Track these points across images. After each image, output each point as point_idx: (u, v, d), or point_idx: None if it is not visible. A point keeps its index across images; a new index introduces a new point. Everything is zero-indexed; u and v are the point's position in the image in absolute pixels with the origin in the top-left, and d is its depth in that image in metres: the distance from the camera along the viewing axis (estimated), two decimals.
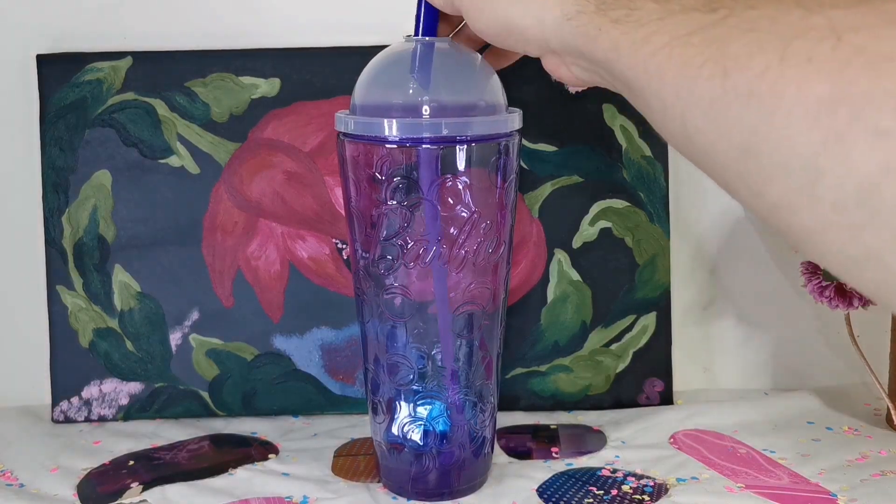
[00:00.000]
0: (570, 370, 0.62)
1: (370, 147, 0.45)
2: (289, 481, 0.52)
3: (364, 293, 0.48)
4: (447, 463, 0.49)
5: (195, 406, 0.62)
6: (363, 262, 0.48)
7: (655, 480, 0.52)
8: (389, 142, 0.44)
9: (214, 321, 0.61)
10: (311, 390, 0.62)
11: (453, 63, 0.46)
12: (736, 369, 0.68)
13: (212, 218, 0.61)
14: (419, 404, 0.49)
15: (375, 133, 0.45)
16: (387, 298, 0.47)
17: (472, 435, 0.50)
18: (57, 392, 0.61)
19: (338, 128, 0.47)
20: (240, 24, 0.63)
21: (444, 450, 0.49)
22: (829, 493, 0.50)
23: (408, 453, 0.49)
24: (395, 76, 0.46)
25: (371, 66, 0.47)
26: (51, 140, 0.60)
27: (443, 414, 0.49)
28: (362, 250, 0.47)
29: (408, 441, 0.49)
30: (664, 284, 0.62)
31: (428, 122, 0.44)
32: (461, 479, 0.50)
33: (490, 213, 0.46)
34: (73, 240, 0.61)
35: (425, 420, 0.49)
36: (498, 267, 0.48)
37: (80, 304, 0.61)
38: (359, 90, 0.47)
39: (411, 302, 0.47)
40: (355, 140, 0.46)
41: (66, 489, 0.52)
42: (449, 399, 0.48)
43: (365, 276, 0.48)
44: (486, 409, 0.50)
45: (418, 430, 0.49)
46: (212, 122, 0.61)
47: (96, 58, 0.61)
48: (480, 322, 0.48)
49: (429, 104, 0.44)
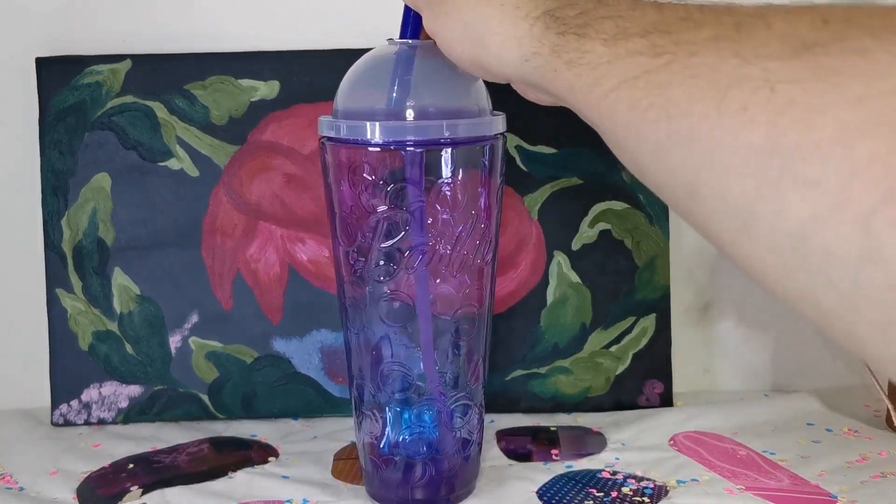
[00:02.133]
0: (570, 372, 0.62)
1: (354, 151, 0.45)
2: (289, 484, 0.52)
3: (356, 301, 0.47)
4: (440, 470, 0.49)
5: (195, 409, 0.61)
6: (355, 268, 0.47)
7: (655, 482, 0.52)
8: (373, 145, 0.44)
9: (214, 324, 0.61)
10: (310, 393, 0.62)
11: (436, 66, 0.45)
12: (736, 371, 0.68)
13: (211, 220, 0.61)
14: (410, 412, 0.48)
15: (359, 136, 0.44)
16: (384, 305, 0.46)
17: (462, 440, 0.49)
18: (56, 395, 0.61)
19: (321, 132, 0.46)
20: (239, 27, 0.63)
21: (436, 457, 0.49)
22: (829, 494, 0.50)
23: (399, 463, 0.49)
24: (377, 80, 0.45)
25: (353, 70, 0.46)
26: (50, 143, 0.60)
27: (434, 421, 0.48)
28: (356, 256, 0.46)
29: (399, 451, 0.49)
30: (664, 286, 0.62)
31: (412, 125, 0.44)
32: (454, 485, 0.50)
33: (479, 216, 0.46)
34: (72, 243, 0.61)
35: (417, 428, 0.48)
36: (486, 269, 0.48)
37: (80, 307, 0.61)
38: (341, 95, 0.46)
39: (408, 307, 0.46)
40: (339, 144, 0.45)
41: (66, 492, 0.52)
42: (439, 405, 0.48)
43: (357, 282, 0.47)
44: (476, 413, 0.50)
45: (409, 438, 0.49)
46: (211, 125, 0.61)
47: (96, 61, 0.61)
48: (470, 325, 0.48)
49: (412, 108, 0.44)
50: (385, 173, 0.44)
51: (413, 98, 0.44)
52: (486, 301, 0.49)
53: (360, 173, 0.45)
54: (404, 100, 0.44)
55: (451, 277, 0.46)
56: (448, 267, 0.46)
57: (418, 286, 0.46)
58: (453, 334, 0.48)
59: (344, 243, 0.47)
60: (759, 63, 0.27)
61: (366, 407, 0.49)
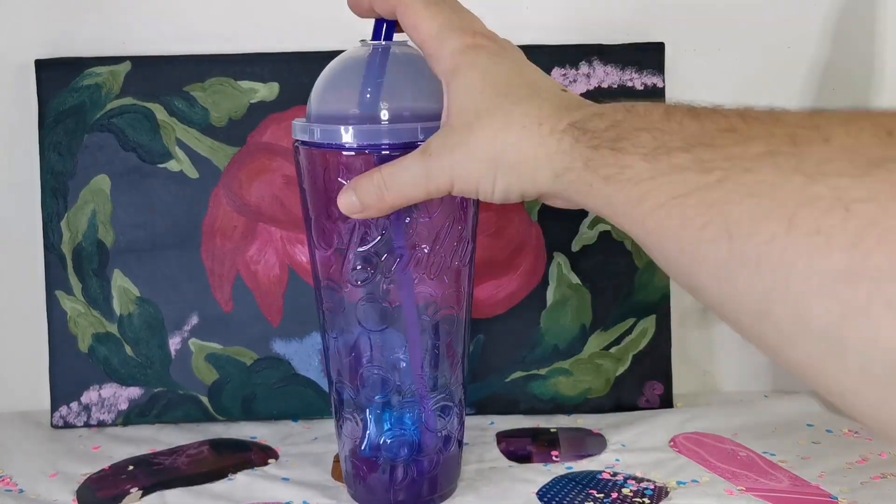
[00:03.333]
0: (570, 373, 0.62)
1: (328, 155, 0.44)
2: (289, 486, 0.52)
3: (333, 305, 0.47)
4: (421, 471, 0.48)
5: (195, 411, 0.61)
6: (332, 273, 0.46)
7: (656, 484, 0.52)
8: (347, 149, 0.43)
9: (214, 325, 0.61)
10: (310, 394, 0.62)
11: (409, 68, 0.44)
12: (736, 372, 0.68)
13: (211, 222, 0.61)
14: (391, 414, 0.48)
15: (332, 140, 0.43)
16: (361, 308, 0.46)
17: (444, 439, 0.49)
18: (56, 397, 0.61)
19: (294, 136, 0.45)
20: (238, 29, 0.63)
21: (418, 458, 0.48)
22: (829, 495, 0.50)
23: (383, 466, 0.48)
24: (350, 82, 0.45)
25: (326, 72, 0.46)
26: (49, 145, 0.60)
27: (415, 422, 0.48)
28: (332, 260, 0.46)
29: (380, 453, 0.48)
30: (664, 287, 0.62)
31: (386, 128, 0.43)
32: (437, 485, 0.49)
33: (456, 218, 0.46)
34: (72, 245, 0.61)
35: (398, 430, 0.48)
36: (463, 271, 0.47)
37: (80, 309, 0.61)
38: (314, 98, 0.45)
39: (386, 310, 0.46)
40: (312, 148, 0.44)
41: (66, 494, 0.52)
42: (420, 407, 0.48)
43: (334, 287, 0.46)
44: (456, 412, 0.49)
45: (391, 441, 0.48)
46: (211, 127, 0.61)
47: (95, 62, 0.61)
48: (450, 325, 0.48)
49: (386, 110, 0.43)
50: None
51: (386, 100, 0.43)
52: (464, 302, 0.48)
53: (334, 177, 0.44)
54: (377, 102, 0.43)
55: (428, 280, 0.46)
56: (426, 269, 0.45)
57: (403, 289, 0.45)
58: (433, 336, 0.47)
59: (320, 248, 0.46)
60: (825, 181, 0.26)
61: (346, 410, 0.49)
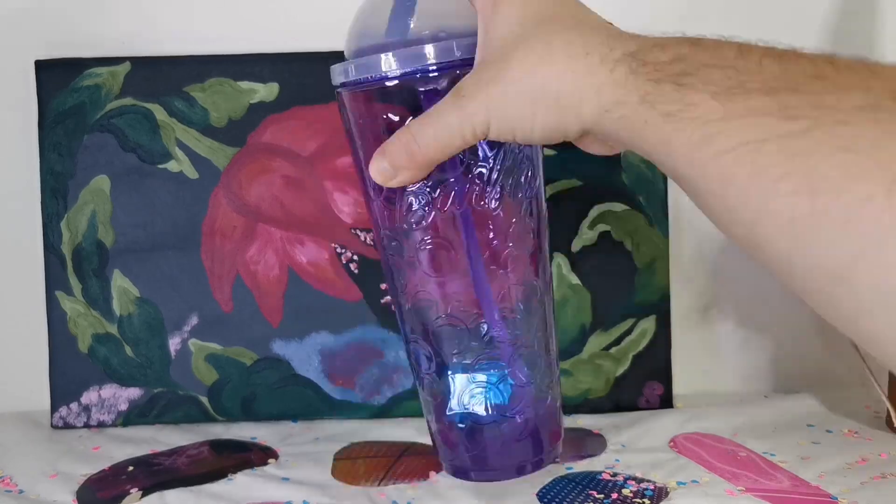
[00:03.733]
0: (570, 374, 0.62)
1: (370, 92, 0.41)
2: (288, 486, 0.52)
3: (396, 256, 0.44)
4: (514, 433, 0.45)
5: (194, 411, 0.61)
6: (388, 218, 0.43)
7: (656, 484, 0.52)
8: (390, 78, 0.40)
9: (213, 326, 0.61)
10: (310, 395, 0.62)
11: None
12: (736, 372, 0.68)
13: (210, 223, 0.61)
14: (476, 371, 0.44)
15: (373, 73, 0.40)
16: (424, 255, 0.42)
17: (537, 398, 0.45)
18: (56, 398, 0.61)
19: (334, 82, 0.43)
20: (238, 29, 0.63)
21: (509, 417, 0.44)
22: (829, 495, 0.50)
23: (468, 428, 0.45)
24: (382, 13, 0.41)
25: (358, 11, 0.43)
26: (49, 145, 0.60)
27: (503, 379, 0.44)
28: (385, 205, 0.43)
29: (466, 416, 0.44)
30: (663, 288, 0.62)
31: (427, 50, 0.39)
32: (532, 449, 0.45)
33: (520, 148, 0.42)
34: (71, 245, 0.61)
35: (486, 388, 0.44)
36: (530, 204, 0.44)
37: (80, 310, 0.61)
38: (348, 39, 0.42)
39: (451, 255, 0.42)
40: (354, 88, 0.41)
41: (66, 495, 0.51)
42: (507, 360, 0.44)
43: (394, 235, 0.43)
44: (545, 363, 0.45)
45: (478, 400, 0.44)
46: (210, 127, 0.61)
47: (95, 63, 0.61)
48: (526, 268, 0.44)
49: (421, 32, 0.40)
50: (407, 112, 0.40)
51: (420, 22, 0.40)
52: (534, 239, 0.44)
53: (379, 114, 0.41)
54: (408, 27, 0.40)
55: (491, 214, 0.42)
56: (486, 201, 0.42)
57: (463, 228, 0.42)
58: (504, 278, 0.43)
59: (375, 196, 0.43)
60: None
61: (424, 372, 0.45)
